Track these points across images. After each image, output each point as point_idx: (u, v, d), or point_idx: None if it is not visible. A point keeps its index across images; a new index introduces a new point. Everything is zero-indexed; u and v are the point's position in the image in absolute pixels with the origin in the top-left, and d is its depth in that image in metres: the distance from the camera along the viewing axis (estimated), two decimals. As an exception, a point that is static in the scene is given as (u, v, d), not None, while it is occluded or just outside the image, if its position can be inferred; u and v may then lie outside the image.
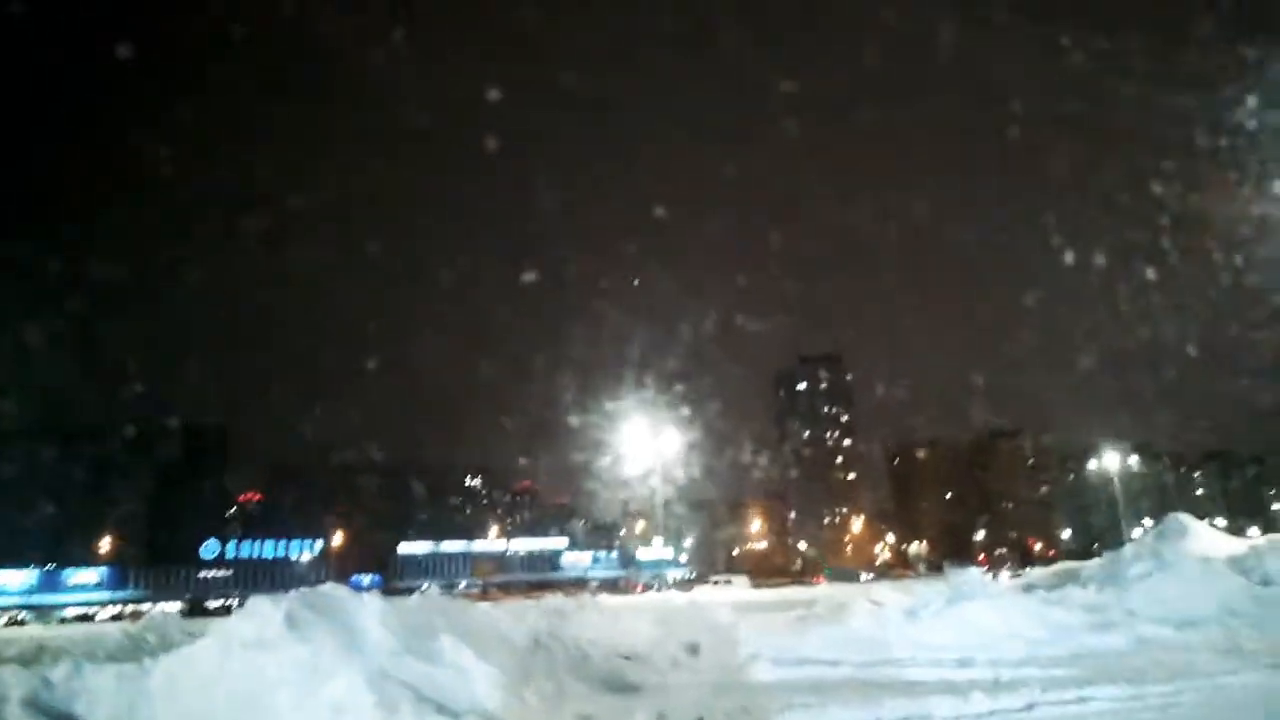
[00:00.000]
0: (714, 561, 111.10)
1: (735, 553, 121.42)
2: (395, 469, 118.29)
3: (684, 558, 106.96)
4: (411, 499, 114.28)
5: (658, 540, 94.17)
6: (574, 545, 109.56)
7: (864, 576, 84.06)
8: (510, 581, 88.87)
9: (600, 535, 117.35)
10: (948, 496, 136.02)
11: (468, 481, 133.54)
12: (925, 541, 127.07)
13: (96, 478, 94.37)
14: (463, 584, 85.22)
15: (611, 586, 79.51)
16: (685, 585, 76.66)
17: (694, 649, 12.80)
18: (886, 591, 23.84)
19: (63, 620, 63.18)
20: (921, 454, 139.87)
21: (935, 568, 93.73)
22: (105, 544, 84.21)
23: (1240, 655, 11.59)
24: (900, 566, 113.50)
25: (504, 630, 12.18)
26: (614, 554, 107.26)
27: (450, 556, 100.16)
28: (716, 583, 75.83)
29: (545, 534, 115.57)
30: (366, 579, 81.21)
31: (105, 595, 79.02)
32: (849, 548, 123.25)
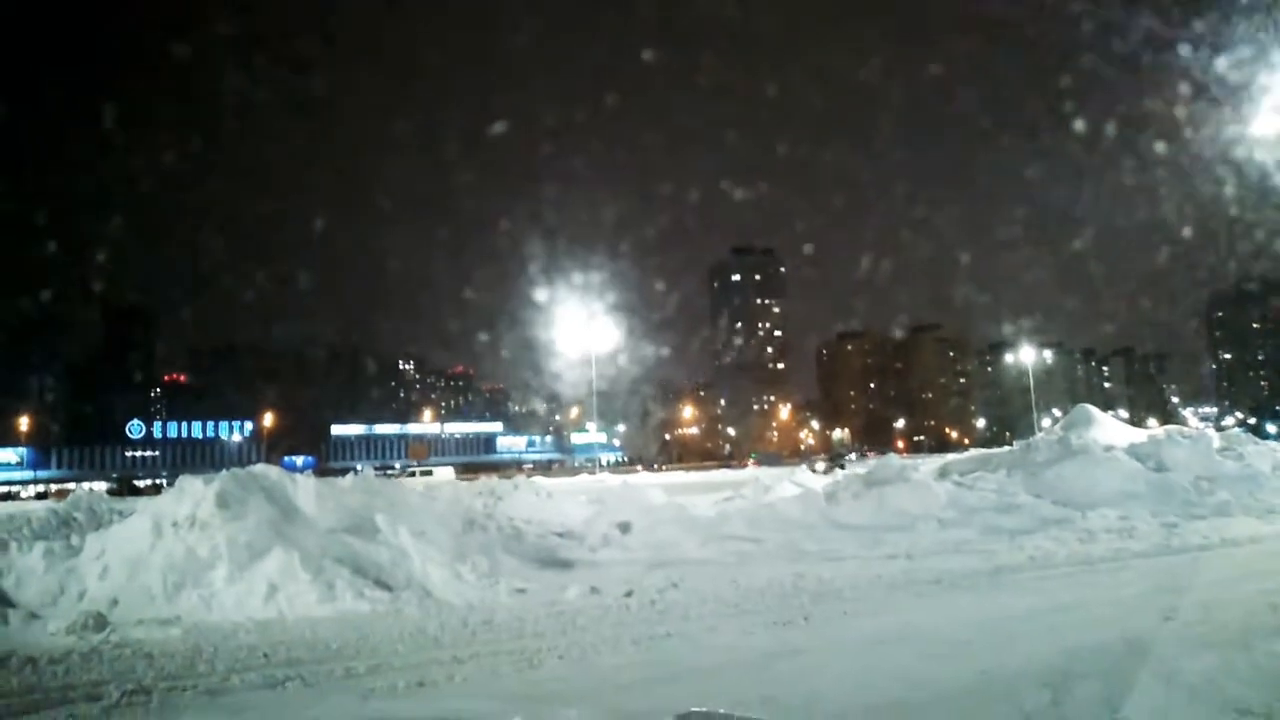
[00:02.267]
0: (646, 446, 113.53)
1: (667, 438, 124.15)
2: (330, 351, 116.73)
3: (617, 442, 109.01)
4: (345, 381, 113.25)
5: (592, 425, 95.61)
6: (508, 430, 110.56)
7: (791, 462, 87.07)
8: (444, 464, 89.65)
9: (535, 420, 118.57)
10: (871, 386, 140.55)
11: (402, 365, 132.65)
12: (848, 429, 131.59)
13: (15, 355, 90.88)
14: (397, 466, 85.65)
15: (545, 470, 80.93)
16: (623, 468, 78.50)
17: (626, 528, 13.23)
18: (807, 476, 24.85)
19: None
20: (848, 346, 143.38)
21: (857, 454, 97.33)
22: (24, 423, 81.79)
23: (1133, 535, 12.48)
24: (823, 452, 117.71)
25: (440, 510, 12.39)
26: (548, 438, 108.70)
27: (384, 439, 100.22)
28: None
29: (480, 419, 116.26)
30: (300, 460, 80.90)
31: (27, 475, 77.36)
32: (776, 434, 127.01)
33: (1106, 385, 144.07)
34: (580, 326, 48.85)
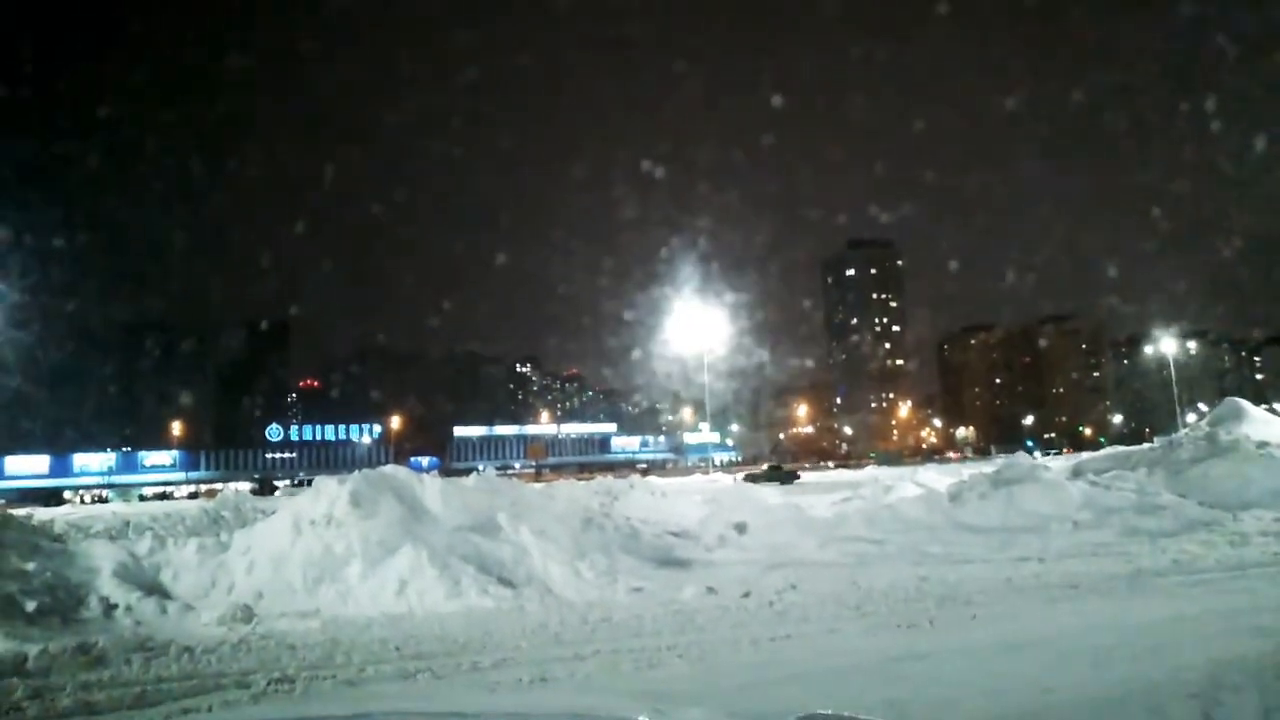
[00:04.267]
0: (760, 446, 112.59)
1: (781, 437, 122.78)
2: (451, 355, 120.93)
3: (731, 442, 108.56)
4: (466, 384, 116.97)
5: (705, 425, 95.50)
6: (622, 430, 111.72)
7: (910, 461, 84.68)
8: (561, 464, 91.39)
9: (648, 420, 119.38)
10: (997, 382, 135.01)
11: (518, 368, 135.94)
12: (973, 427, 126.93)
13: (167, 367, 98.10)
14: (516, 466, 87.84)
15: (659, 469, 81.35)
16: (735, 468, 78.07)
17: (742, 528, 13.17)
18: (932, 475, 24.10)
19: (142, 498, 66.86)
20: (972, 340, 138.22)
21: (982, 452, 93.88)
22: (177, 428, 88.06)
23: (1291, 538, 11.56)
24: (947, 451, 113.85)
25: (558, 509, 12.65)
26: (662, 438, 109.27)
27: (503, 439, 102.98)
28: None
29: (594, 419, 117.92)
30: (425, 461, 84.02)
31: (179, 475, 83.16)
32: (895, 433, 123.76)
33: (1259, 377, 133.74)
34: (693, 325, 48.81)
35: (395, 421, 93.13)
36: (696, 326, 48.16)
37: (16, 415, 74.35)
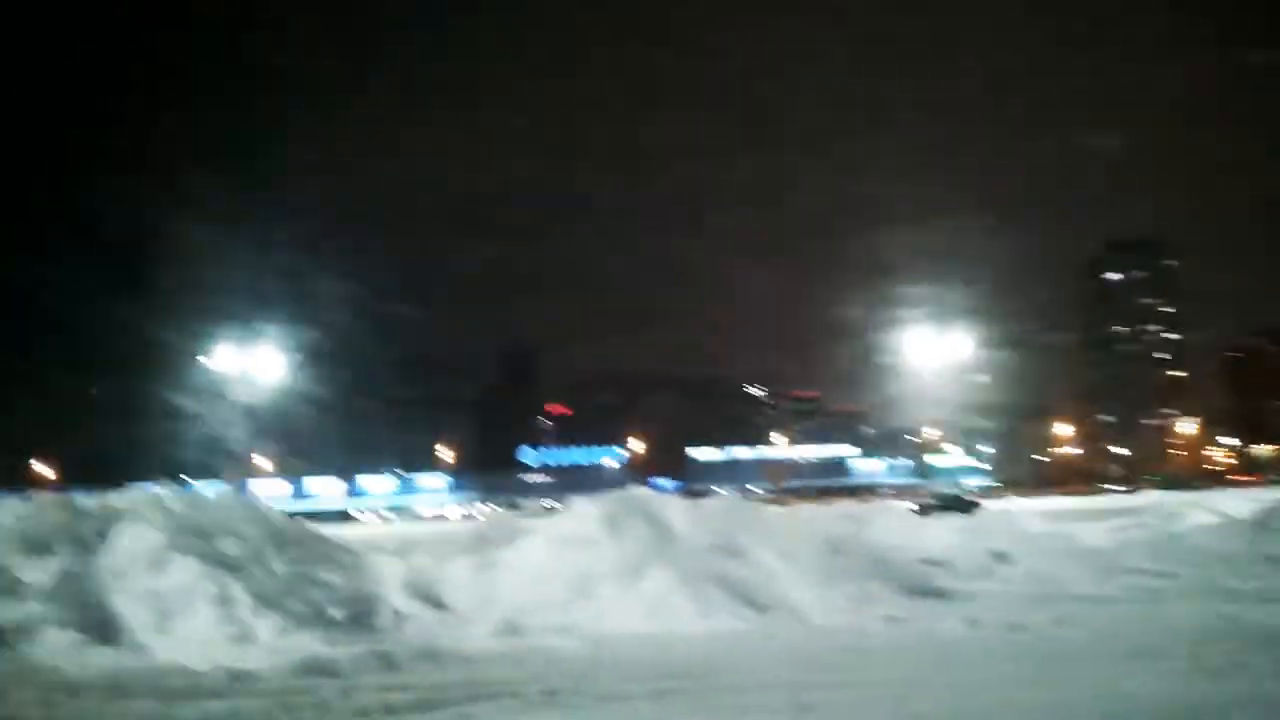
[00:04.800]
0: (1017, 469, 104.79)
1: (1041, 459, 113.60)
2: (686, 378, 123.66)
3: (982, 465, 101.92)
4: (702, 407, 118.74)
5: (953, 447, 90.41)
6: (864, 452, 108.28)
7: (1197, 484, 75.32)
8: (801, 487, 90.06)
9: (891, 442, 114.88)
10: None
11: (753, 390, 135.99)
12: (1275, 446, 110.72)
13: (436, 396, 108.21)
14: (754, 489, 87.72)
15: (904, 494, 77.98)
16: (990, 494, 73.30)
17: (1003, 557, 12.34)
18: (1228, 500, 21.28)
19: (421, 519, 73.81)
20: (1270, 346, 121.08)
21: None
22: (445, 453, 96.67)
23: None
24: (1242, 474, 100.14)
25: (802, 532, 12.47)
26: (905, 462, 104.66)
27: (740, 463, 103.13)
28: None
29: (832, 441, 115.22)
30: (666, 483, 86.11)
31: (448, 497, 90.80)
32: (1174, 453, 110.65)
33: None
34: (934, 341, 46.61)
35: (636, 444, 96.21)
36: (941, 342, 45.92)
37: (313, 442, 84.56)
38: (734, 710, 5.95)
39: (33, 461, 69.58)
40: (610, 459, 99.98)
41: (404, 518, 74.92)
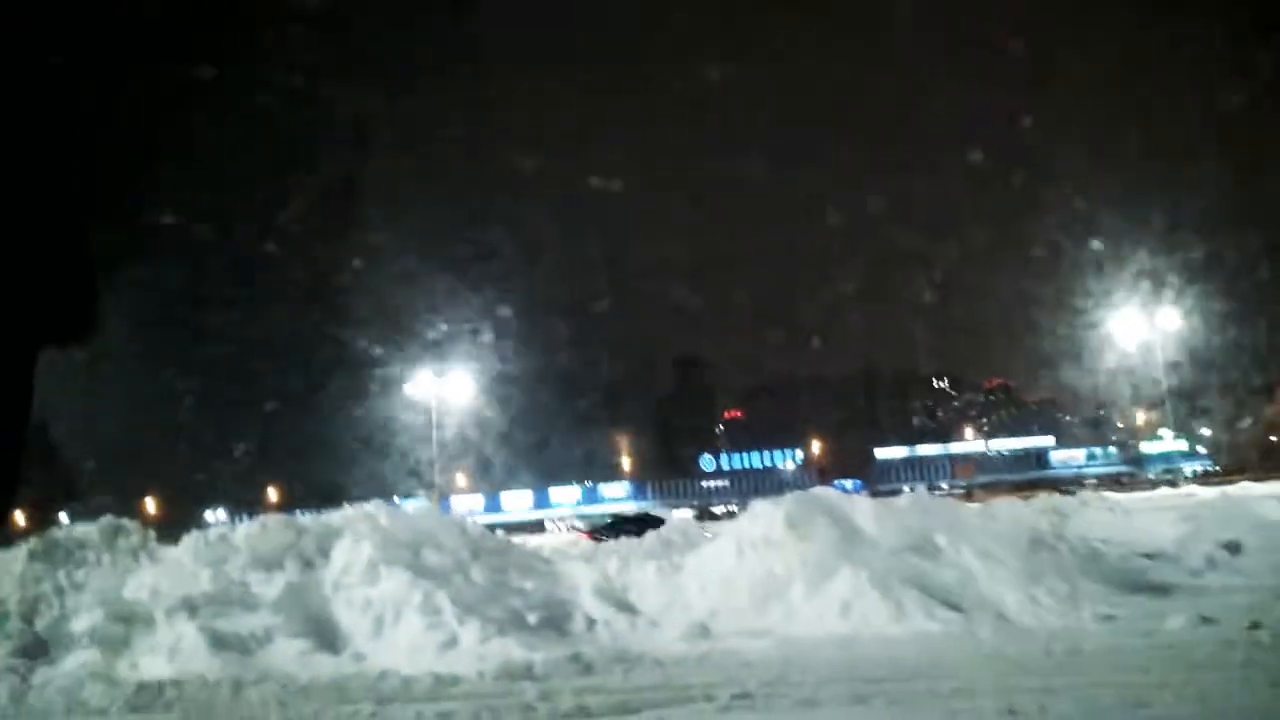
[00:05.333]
0: (1247, 451, 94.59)
1: (1275, 439, 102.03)
2: (865, 375, 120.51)
3: (1202, 449, 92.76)
4: (884, 404, 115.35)
5: (1167, 431, 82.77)
6: (1061, 442, 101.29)
7: None
8: (994, 482, 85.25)
9: (1092, 429, 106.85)
10: None
11: (937, 383, 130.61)
12: None
13: (615, 406, 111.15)
14: (944, 485, 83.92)
15: (1113, 484, 72.14)
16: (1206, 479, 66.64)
17: (1234, 548, 11.18)
18: None
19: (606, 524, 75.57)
20: None
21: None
22: (626, 462, 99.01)
23: None
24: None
25: (1000, 529, 11.78)
26: (1112, 449, 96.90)
27: (927, 459, 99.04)
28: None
29: (1027, 432, 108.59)
30: (849, 484, 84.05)
31: (632, 505, 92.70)
32: None
33: None
34: (1140, 314, 42.93)
35: (815, 446, 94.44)
36: (1144, 319, 42.28)
37: (504, 458, 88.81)
38: (941, 715, 5.69)
39: (267, 489, 77.32)
40: (790, 461, 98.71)
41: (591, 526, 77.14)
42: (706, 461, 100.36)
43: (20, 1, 4.20)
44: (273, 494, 77.26)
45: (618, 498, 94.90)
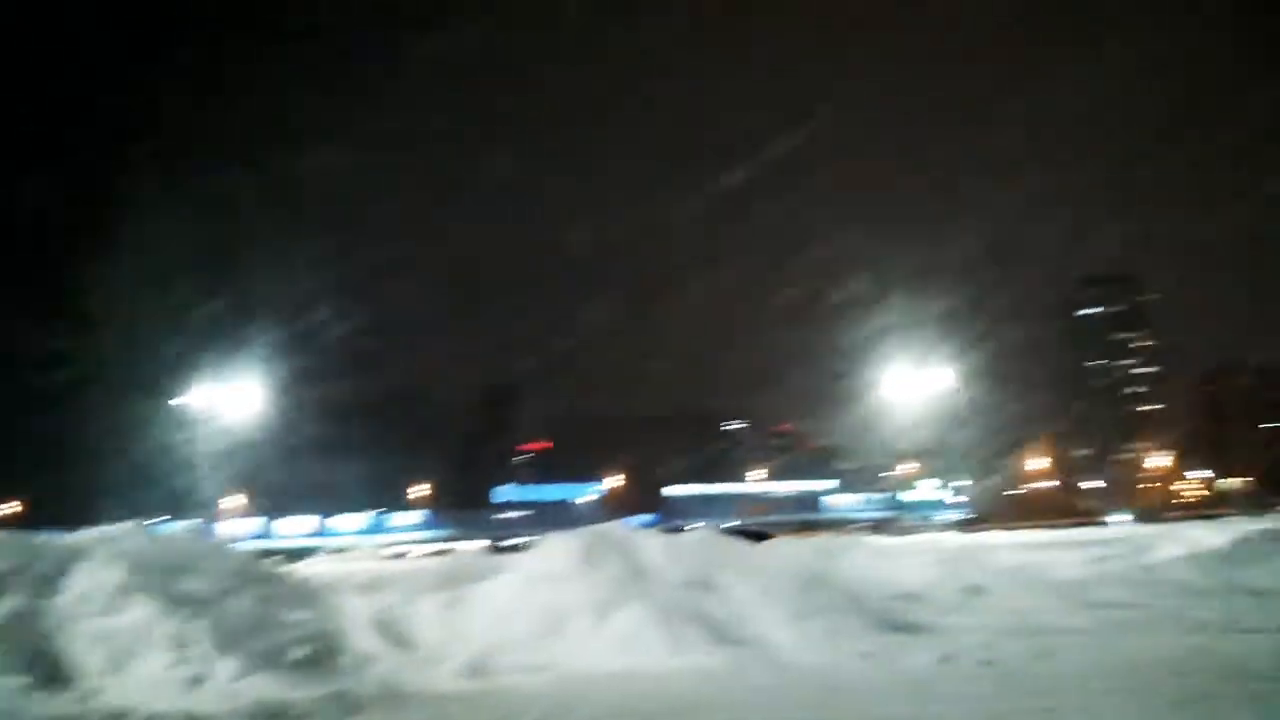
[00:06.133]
0: (993, 502, 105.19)
1: (1016, 492, 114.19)
2: (661, 414, 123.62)
3: (958, 499, 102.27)
4: (677, 443, 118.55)
5: (928, 481, 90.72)
6: (840, 487, 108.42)
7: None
8: (777, 522, 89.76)
9: (866, 477, 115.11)
10: (1270, 426, 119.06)
11: (729, 425, 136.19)
12: (1244, 478, 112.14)
13: (412, 433, 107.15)
14: (729, 523, 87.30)
15: (879, 527, 77.91)
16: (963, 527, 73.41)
17: (976, 590, 12.28)
18: (1199, 531, 21.42)
19: (391, 557, 72.40)
20: (1238, 379, 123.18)
21: (1260, 506, 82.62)
22: (420, 490, 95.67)
23: None
24: (1213, 506, 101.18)
25: (776, 568, 12.35)
26: (881, 495, 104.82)
27: (716, 498, 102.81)
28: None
29: (808, 476, 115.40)
30: (642, 519, 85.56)
31: (423, 535, 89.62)
32: (1147, 485, 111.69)
33: None
34: (910, 377, 46.97)
35: (612, 481, 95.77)
36: (917, 378, 46.28)
37: (284, 480, 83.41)
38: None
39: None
40: (588, 496, 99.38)
41: (373, 556, 73.66)
42: (502, 492, 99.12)
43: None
44: (11, 511, 68.40)
45: (408, 526, 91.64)
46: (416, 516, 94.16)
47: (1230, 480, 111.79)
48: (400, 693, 7.68)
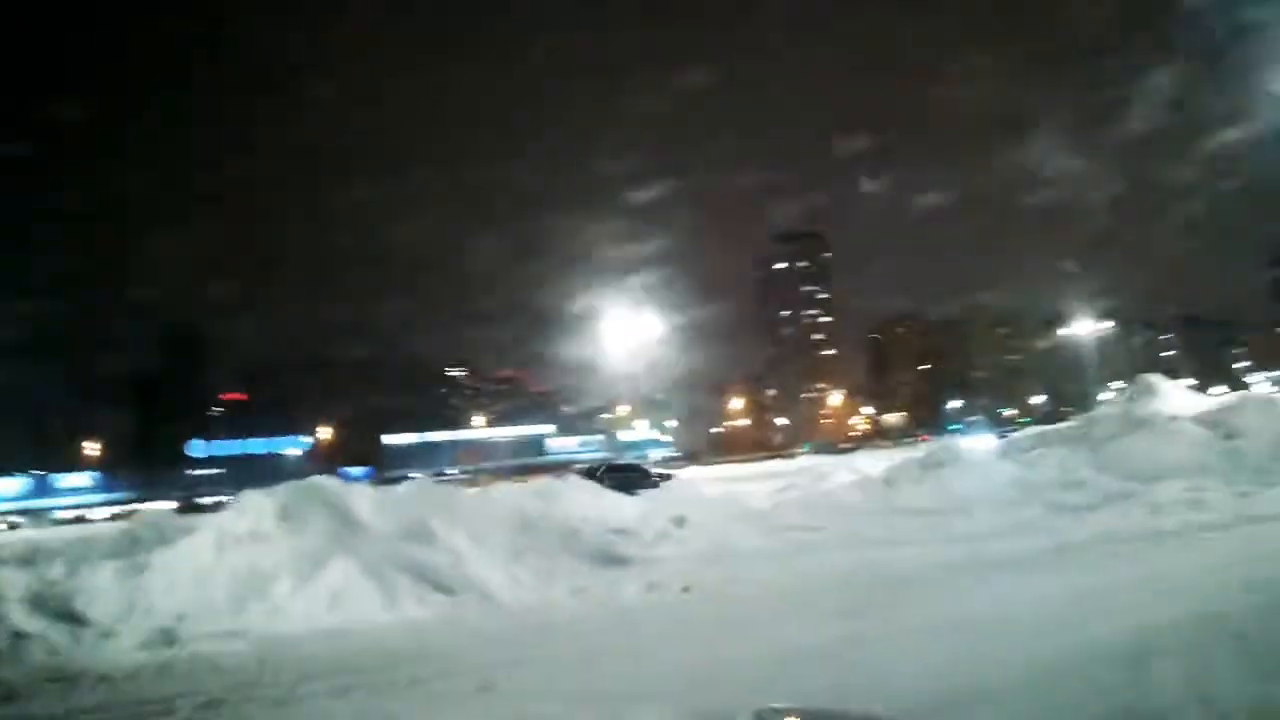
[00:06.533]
0: (697, 440, 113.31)
1: (718, 431, 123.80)
2: (377, 362, 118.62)
3: (668, 438, 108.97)
4: (396, 390, 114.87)
5: (641, 422, 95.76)
6: (559, 431, 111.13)
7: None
8: (497, 468, 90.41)
9: (585, 420, 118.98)
10: (924, 368, 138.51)
11: (450, 372, 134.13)
12: (903, 413, 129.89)
13: (80, 383, 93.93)
14: (450, 472, 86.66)
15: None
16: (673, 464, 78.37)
17: (681, 522, 13.14)
18: (865, 461, 24.53)
19: (57, 523, 63.85)
20: (898, 329, 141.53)
21: (909, 437, 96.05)
22: (93, 448, 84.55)
23: (1203, 506, 12.05)
24: (878, 438, 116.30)
25: (494, 512, 12.43)
26: (599, 438, 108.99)
27: (436, 446, 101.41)
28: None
29: (530, 421, 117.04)
30: (356, 471, 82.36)
31: (98, 498, 79.88)
32: (827, 422, 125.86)
33: (1169, 355, 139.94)
34: (626, 323, 48.92)
35: (324, 432, 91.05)
36: (632, 325, 48.25)
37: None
38: (419, 699, 5.77)
39: None
40: (294, 449, 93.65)
41: (37, 523, 64.51)
42: (196, 447, 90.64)
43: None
44: None
45: (79, 488, 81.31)
46: (88, 478, 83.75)
47: (891, 415, 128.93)
48: (67, 673, 6.82)
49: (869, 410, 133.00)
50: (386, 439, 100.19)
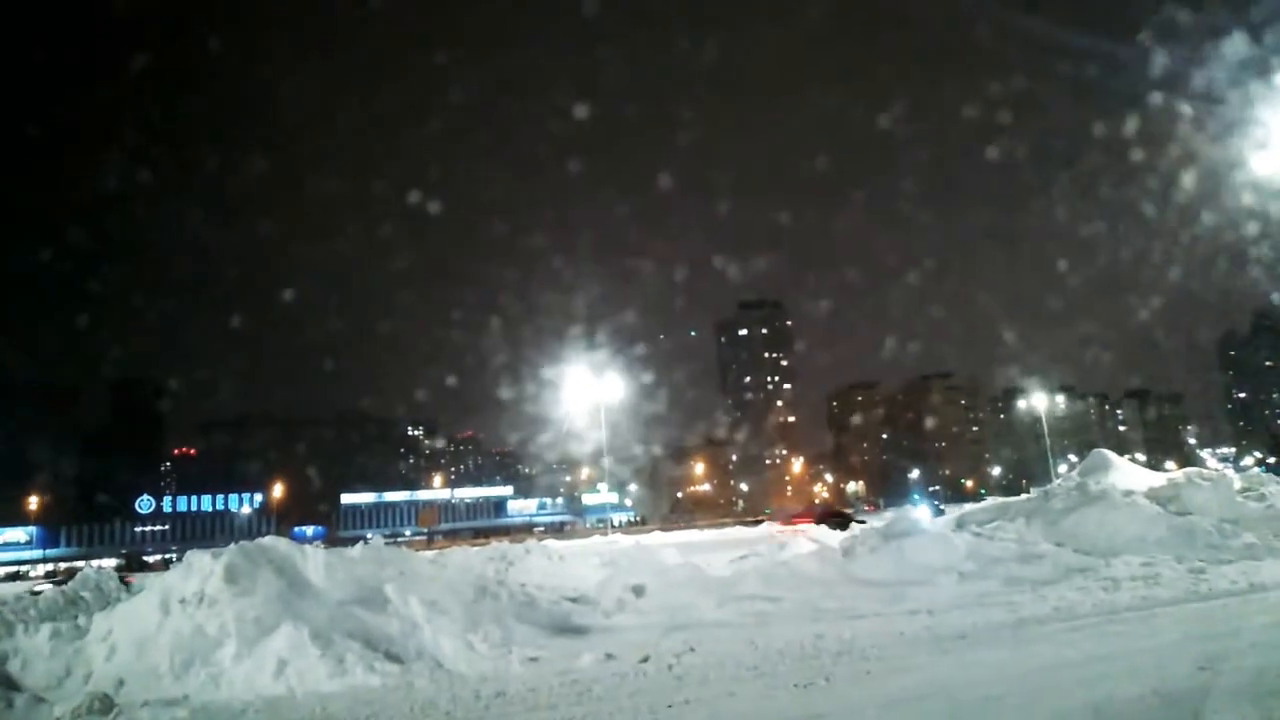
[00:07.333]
0: (659, 505, 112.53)
1: (679, 495, 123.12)
2: (336, 421, 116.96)
3: (629, 502, 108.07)
4: (354, 450, 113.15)
5: (603, 486, 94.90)
6: (519, 493, 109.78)
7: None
8: (455, 529, 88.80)
9: (545, 483, 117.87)
10: (884, 437, 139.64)
11: (410, 432, 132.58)
12: (862, 481, 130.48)
13: (23, 432, 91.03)
14: (407, 533, 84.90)
15: (557, 532, 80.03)
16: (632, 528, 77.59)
17: (640, 590, 12.98)
18: (825, 530, 24.48)
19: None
20: (858, 397, 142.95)
21: (867, 505, 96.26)
22: (33, 501, 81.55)
23: (1158, 582, 12.19)
24: (839, 505, 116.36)
25: (450, 577, 12.20)
26: (559, 500, 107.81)
27: (394, 506, 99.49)
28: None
29: (489, 482, 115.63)
30: (310, 530, 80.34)
31: (37, 554, 76.82)
32: (789, 488, 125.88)
33: (1121, 429, 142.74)
34: (589, 386, 48.86)
35: (277, 490, 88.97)
36: (594, 388, 48.20)
37: None
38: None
39: None
40: (247, 506, 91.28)
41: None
42: (144, 503, 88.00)
43: None
44: None
45: (16, 544, 78.30)
46: (28, 532, 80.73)
47: (854, 485, 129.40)
48: (-8, 744, 6.49)
49: (830, 478, 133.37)
50: (344, 499, 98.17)
